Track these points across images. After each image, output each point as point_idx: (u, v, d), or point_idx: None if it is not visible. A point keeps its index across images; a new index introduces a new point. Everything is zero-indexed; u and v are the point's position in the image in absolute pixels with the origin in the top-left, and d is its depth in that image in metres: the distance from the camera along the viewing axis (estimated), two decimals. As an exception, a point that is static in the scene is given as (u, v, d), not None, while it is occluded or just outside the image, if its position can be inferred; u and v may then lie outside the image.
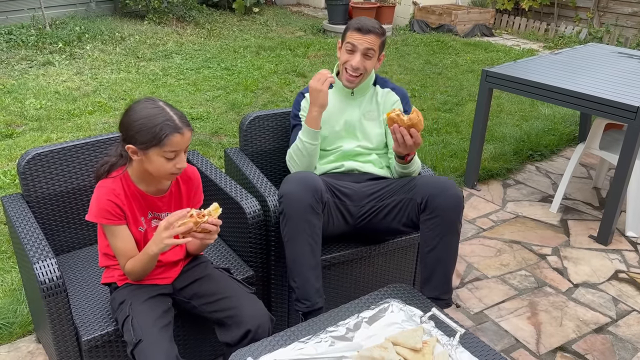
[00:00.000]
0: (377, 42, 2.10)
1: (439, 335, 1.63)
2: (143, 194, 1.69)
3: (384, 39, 2.14)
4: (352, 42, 2.09)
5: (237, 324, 1.68)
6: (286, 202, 1.88)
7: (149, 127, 1.54)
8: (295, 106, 2.25)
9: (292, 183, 1.91)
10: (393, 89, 2.27)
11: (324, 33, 7.78)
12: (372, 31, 2.09)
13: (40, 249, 1.70)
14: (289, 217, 1.88)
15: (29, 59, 5.77)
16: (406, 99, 2.27)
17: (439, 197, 1.94)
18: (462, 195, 1.98)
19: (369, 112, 2.22)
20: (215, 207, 1.57)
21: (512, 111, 4.90)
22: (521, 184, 3.67)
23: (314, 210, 1.87)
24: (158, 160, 1.58)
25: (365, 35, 2.08)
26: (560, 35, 7.86)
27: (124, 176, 1.66)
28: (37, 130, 4.09)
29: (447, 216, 1.95)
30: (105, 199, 1.62)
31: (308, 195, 1.87)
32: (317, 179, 1.94)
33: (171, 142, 1.55)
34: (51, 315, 1.64)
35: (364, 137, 2.22)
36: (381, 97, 2.24)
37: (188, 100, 4.85)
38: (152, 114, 1.56)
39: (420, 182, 2.03)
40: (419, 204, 1.98)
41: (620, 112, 2.75)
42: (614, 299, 2.58)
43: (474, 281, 2.67)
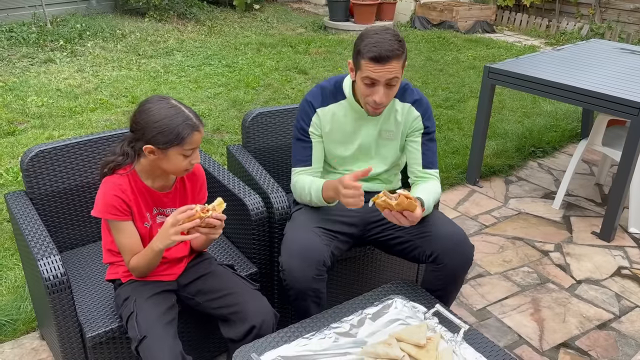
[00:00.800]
0: (400, 64, 1.77)
1: (443, 332, 1.63)
2: (149, 189, 1.69)
3: (405, 53, 1.80)
4: (371, 77, 1.76)
5: (242, 320, 1.68)
6: (289, 277, 1.77)
7: (171, 128, 1.55)
8: (303, 118, 1.98)
9: (294, 257, 1.77)
10: (414, 102, 1.98)
11: (325, 30, 7.76)
12: (392, 57, 1.73)
13: (44, 245, 1.70)
14: (292, 288, 1.79)
15: (30, 56, 5.76)
16: (428, 112, 2.00)
17: (449, 255, 1.82)
18: (472, 252, 1.88)
19: (387, 132, 1.99)
20: (219, 202, 1.57)
21: (514, 108, 4.89)
22: (523, 180, 3.67)
23: (318, 279, 1.78)
24: (177, 159, 1.59)
25: (385, 65, 1.74)
26: (562, 32, 7.85)
27: (131, 172, 1.66)
28: (39, 128, 4.09)
29: (455, 273, 1.87)
30: (112, 194, 1.62)
31: (311, 269, 1.76)
32: (319, 247, 1.79)
33: (192, 140, 1.58)
34: (56, 312, 1.65)
35: (379, 158, 2.03)
36: (401, 115, 1.97)
37: (189, 98, 4.85)
38: (170, 114, 1.57)
39: (432, 233, 1.86)
40: (428, 255, 1.86)
41: (623, 108, 2.74)
42: (617, 295, 2.58)
43: (477, 278, 2.67)
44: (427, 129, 1.99)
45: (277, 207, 2.04)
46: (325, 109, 1.96)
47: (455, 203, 3.35)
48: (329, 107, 1.96)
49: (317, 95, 1.97)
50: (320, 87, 1.99)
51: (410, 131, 2.00)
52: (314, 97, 1.97)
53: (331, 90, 1.97)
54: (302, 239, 1.82)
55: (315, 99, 1.97)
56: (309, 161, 1.99)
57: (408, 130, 2.00)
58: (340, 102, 1.96)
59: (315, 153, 1.99)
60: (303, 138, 1.98)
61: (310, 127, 1.97)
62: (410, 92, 1.99)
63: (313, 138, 1.98)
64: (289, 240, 1.84)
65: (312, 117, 1.96)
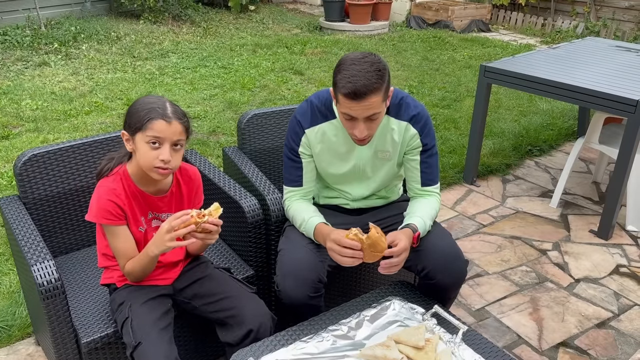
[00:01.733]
0: (379, 98, 1.63)
1: (441, 333, 1.62)
2: (143, 193, 1.67)
3: (386, 83, 1.65)
4: (349, 113, 1.66)
5: (239, 323, 1.67)
6: (285, 297, 1.74)
7: (138, 111, 1.55)
8: (292, 137, 1.89)
9: (289, 277, 1.73)
10: (410, 119, 1.84)
11: (321, 30, 7.75)
12: (368, 92, 1.59)
13: (38, 250, 1.68)
14: (289, 306, 1.75)
15: (25, 59, 5.74)
16: (426, 128, 1.86)
17: (441, 272, 1.77)
18: (465, 268, 1.84)
19: (384, 152, 1.88)
20: (215, 207, 1.55)
21: (510, 106, 4.89)
22: (520, 179, 3.66)
23: (314, 297, 1.75)
24: (142, 147, 1.55)
25: (361, 102, 1.61)
26: (557, 30, 7.85)
27: (124, 176, 1.65)
28: (34, 131, 4.06)
29: (446, 289, 1.82)
30: (106, 198, 1.60)
31: (306, 288, 1.72)
32: (314, 265, 1.75)
33: (153, 126, 1.53)
34: (50, 318, 1.63)
35: (375, 178, 1.94)
36: (398, 134, 1.85)
37: (185, 100, 4.83)
38: (148, 101, 1.57)
39: (426, 247, 1.80)
40: (420, 270, 1.80)
41: (620, 105, 2.74)
42: (615, 293, 2.57)
43: (475, 277, 2.66)
44: (425, 146, 1.87)
45: (273, 209, 2.02)
46: (314, 129, 1.86)
47: (452, 202, 3.34)
48: (319, 126, 1.86)
49: (305, 114, 1.87)
50: (310, 103, 1.88)
51: (408, 149, 1.89)
52: (303, 115, 1.87)
53: (320, 109, 1.86)
54: (297, 257, 1.77)
55: (304, 117, 1.87)
56: (299, 182, 1.92)
57: (406, 149, 1.89)
58: (331, 121, 1.86)
59: (306, 174, 1.91)
60: (293, 157, 1.90)
61: (300, 147, 1.88)
62: (407, 108, 1.85)
63: (303, 158, 1.89)
64: (283, 259, 1.79)
65: (302, 137, 1.87)
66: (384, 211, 2.00)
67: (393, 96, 1.85)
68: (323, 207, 2.00)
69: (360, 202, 2.00)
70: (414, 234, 1.75)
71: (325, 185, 2.02)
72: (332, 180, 1.96)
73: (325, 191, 2.03)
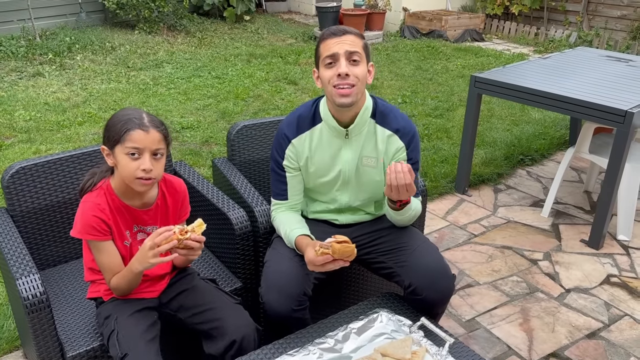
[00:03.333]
0: (359, 42, 1.74)
1: (428, 345, 1.61)
2: (128, 207, 1.67)
3: (365, 42, 1.78)
4: (330, 53, 1.72)
5: (222, 335, 1.66)
6: (269, 309, 1.73)
7: (115, 124, 1.56)
8: (277, 150, 1.90)
9: (273, 291, 1.72)
10: (397, 131, 1.85)
11: (315, 40, 7.78)
12: (348, 31, 1.74)
13: (23, 264, 1.67)
14: (273, 319, 1.75)
15: (19, 70, 5.74)
16: (413, 142, 1.87)
17: (428, 290, 1.76)
18: (452, 284, 1.81)
19: (367, 159, 1.87)
20: (199, 223, 1.54)
21: (502, 116, 4.91)
22: (512, 188, 3.67)
23: (298, 310, 1.74)
24: (123, 160, 1.56)
25: (341, 37, 1.72)
26: (550, 39, 7.90)
27: (107, 190, 1.65)
28: (26, 142, 4.06)
29: (433, 305, 1.80)
30: (90, 214, 1.60)
31: (290, 301, 1.71)
32: (299, 279, 1.75)
33: (131, 136, 1.53)
34: (35, 331, 1.62)
35: (359, 188, 1.92)
36: (382, 142, 1.85)
37: (178, 110, 4.84)
38: (125, 114, 1.58)
39: (413, 263, 1.80)
40: (407, 286, 1.80)
41: (609, 116, 2.75)
42: (606, 303, 2.57)
43: (466, 288, 2.65)
44: (410, 160, 1.87)
45: (261, 220, 2.02)
46: (302, 137, 1.87)
47: (444, 212, 3.35)
48: (306, 133, 1.87)
49: (292, 125, 1.88)
50: (297, 116, 1.89)
51: (392, 161, 1.84)
52: (288, 126, 1.88)
53: (308, 115, 1.88)
54: (282, 270, 1.77)
55: (289, 129, 1.88)
56: (285, 195, 1.92)
57: (390, 161, 1.87)
58: (317, 125, 1.87)
59: (291, 188, 1.92)
60: (278, 171, 1.91)
61: (285, 160, 1.88)
62: (393, 118, 1.86)
63: (288, 172, 1.90)
64: (268, 271, 1.79)
65: (286, 149, 1.87)
66: (372, 224, 1.99)
67: (380, 104, 1.88)
68: (312, 221, 1.99)
69: (348, 215, 1.99)
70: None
71: (312, 198, 2.01)
72: (319, 189, 1.95)
73: (313, 205, 2.02)
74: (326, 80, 1.75)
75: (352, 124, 1.83)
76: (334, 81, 1.73)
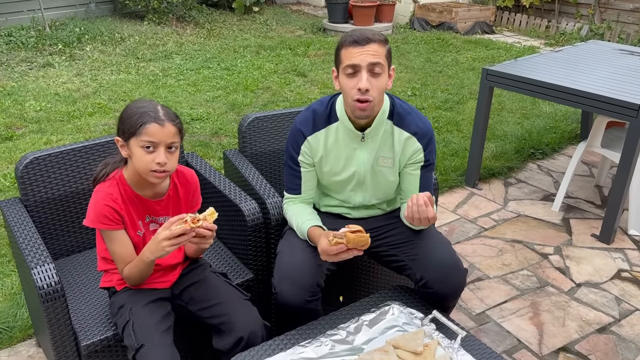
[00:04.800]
0: (382, 51, 1.68)
1: (440, 338, 1.62)
2: (140, 198, 1.68)
3: (388, 47, 1.72)
4: (352, 62, 1.67)
5: (229, 331, 1.67)
6: (281, 300, 1.73)
7: (130, 117, 1.56)
8: (293, 146, 1.88)
9: (286, 281, 1.72)
10: (415, 133, 1.83)
11: (324, 32, 7.76)
12: (372, 40, 1.66)
13: (38, 253, 1.69)
14: (286, 310, 1.75)
15: (29, 60, 5.76)
16: (431, 144, 1.86)
17: (439, 284, 1.76)
18: (464, 278, 1.82)
19: (384, 159, 1.85)
20: (210, 212, 1.55)
21: (513, 109, 4.88)
22: (523, 182, 3.66)
23: (311, 301, 1.74)
24: (138, 152, 1.56)
25: (365, 46, 1.66)
26: (561, 32, 7.83)
27: (120, 180, 1.65)
28: (37, 133, 4.08)
29: (444, 299, 1.80)
30: (103, 203, 1.60)
31: (303, 292, 1.72)
32: (312, 269, 1.75)
33: (147, 130, 1.54)
34: (50, 320, 1.64)
35: (375, 188, 1.91)
36: (398, 143, 1.83)
37: (188, 101, 4.84)
38: (139, 106, 1.58)
39: (425, 256, 1.80)
40: (418, 279, 1.79)
41: (622, 110, 2.73)
42: (616, 298, 2.56)
43: (476, 281, 2.65)
44: (427, 162, 1.86)
45: (273, 212, 2.03)
46: (317, 135, 1.85)
47: (454, 206, 3.34)
48: (322, 131, 1.85)
49: (307, 121, 1.86)
50: (312, 111, 1.87)
51: (409, 162, 1.87)
52: (304, 123, 1.86)
53: (323, 113, 1.86)
54: (295, 261, 1.77)
55: (305, 125, 1.86)
56: (298, 190, 1.92)
57: (407, 162, 1.87)
58: (333, 124, 1.85)
59: (305, 182, 1.91)
60: (293, 166, 1.90)
61: (300, 155, 1.87)
62: (412, 120, 1.84)
63: (303, 167, 1.89)
64: (281, 262, 1.79)
65: (302, 145, 1.86)
66: (384, 217, 1.99)
67: (399, 106, 1.86)
68: (324, 214, 2.00)
69: (361, 211, 1.99)
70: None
71: (325, 193, 2.01)
72: (332, 187, 1.96)
73: (326, 199, 2.02)
74: (346, 90, 1.72)
75: (369, 128, 1.81)
76: (354, 94, 1.70)
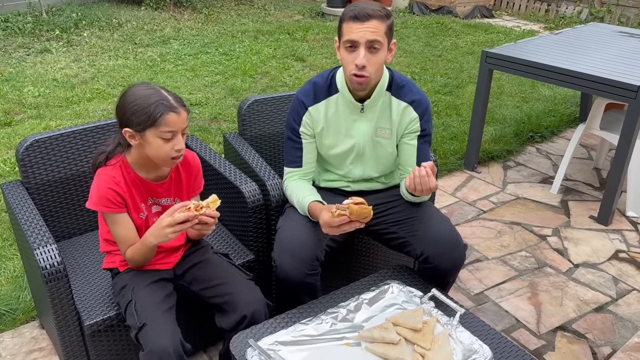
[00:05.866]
0: (382, 27, 1.70)
1: (439, 316, 1.64)
2: (143, 180, 1.69)
3: (390, 22, 1.73)
4: (351, 38, 1.70)
5: (233, 309, 1.68)
6: (281, 273, 1.76)
7: (143, 107, 1.53)
8: (294, 117, 1.92)
9: (286, 254, 1.75)
10: (412, 102, 1.87)
11: (323, 16, 7.71)
12: (372, 15, 1.68)
13: (40, 235, 1.70)
14: (285, 283, 1.78)
15: (26, 46, 5.73)
16: (427, 114, 1.90)
17: (440, 257, 1.79)
18: (464, 253, 1.84)
19: (382, 130, 1.89)
20: (213, 199, 1.56)
21: (512, 93, 4.88)
22: (521, 165, 3.67)
23: (311, 274, 1.76)
24: (156, 142, 1.56)
25: (364, 23, 1.68)
26: (561, 16, 7.79)
27: (123, 163, 1.66)
28: (36, 118, 4.07)
29: (445, 274, 1.84)
30: (106, 186, 1.61)
31: (303, 265, 1.74)
32: (311, 243, 1.77)
33: (166, 121, 1.54)
34: (53, 301, 1.65)
35: (374, 160, 1.95)
36: (396, 114, 1.87)
37: (186, 86, 4.83)
38: (146, 95, 1.55)
39: (425, 232, 1.83)
40: (419, 254, 1.82)
41: (621, 91, 2.73)
42: (614, 278, 2.58)
43: (475, 262, 2.67)
44: (424, 132, 1.90)
45: (273, 194, 2.04)
46: (318, 106, 1.89)
47: (453, 189, 3.35)
48: (322, 103, 1.89)
49: (309, 93, 1.89)
50: (312, 83, 1.91)
51: (406, 132, 1.90)
52: (305, 94, 1.90)
53: (324, 85, 1.89)
54: (295, 235, 1.79)
55: (307, 96, 1.89)
56: (299, 162, 1.94)
57: (404, 131, 1.90)
58: (333, 96, 1.88)
59: (306, 154, 1.94)
60: (294, 138, 1.93)
61: (301, 126, 1.90)
62: (409, 91, 1.89)
63: (304, 138, 1.92)
64: (281, 237, 1.82)
65: (303, 116, 1.89)
66: (384, 195, 2.01)
67: (397, 76, 1.90)
68: (323, 190, 2.01)
69: (360, 184, 2.01)
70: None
71: (325, 168, 2.03)
72: (332, 160, 1.98)
73: (326, 174, 2.04)
74: (345, 63, 1.77)
75: (369, 99, 1.85)
76: (352, 69, 1.74)
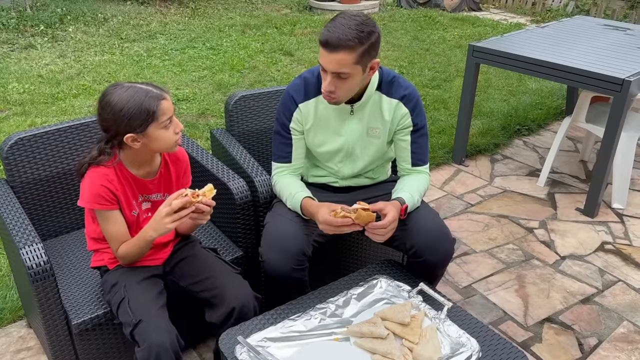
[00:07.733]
0: (350, 58, 1.62)
1: (426, 310, 1.65)
2: (134, 177, 1.68)
3: (365, 46, 1.64)
4: (320, 62, 1.69)
5: (221, 303, 1.68)
6: (268, 268, 1.76)
7: (138, 108, 1.52)
8: (284, 112, 1.90)
9: (273, 249, 1.75)
10: (402, 97, 1.85)
11: (311, 10, 7.68)
12: (341, 46, 1.60)
13: (26, 234, 1.69)
14: (272, 278, 1.79)
15: (10, 42, 5.66)
16: (417, 107, 1.88)
17: (428, 251, 1.79)
18: (452, 247, 1.84)
19: (374, 129, 1.88)
20: (209, 188, 1.57)
21: (499, 86, 4.90)
22: (509, 158, 3.69)
23: (298, 269, 1.77)
24: (159, 134, 1.57)
25: (331, 53, 1.63)
26: (547, 9, 7.83)
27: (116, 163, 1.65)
28: (21, 115, 4.03)
29: (434, 267, 1.85)
30: (98, 184, 1.60)
31: (290, 260, 1.74)
32: (298, 238, 1.77)
33: (162, 110, 1.55)
34: (40, 300, 1.64)
35: (365, 157, 1.94)
36: (388, 112, 1.86)
37: (173, 82, 4.80)
38: (130, 95, 1.53)
39: (414, 225, 1.82)
40: (408, 248, 1.83)
41: (606, 84, 2.76)
42: (600, 270, 2.62)
43: (462, 256, 2.69)
44: (416, 126, 1.89)
45: (261, 190, 2.03)
46: (308, 103, 1.87)
47: (441, 182, 3.37)
48: (312, 100, 1.87)
49: (299, 88, 1.88)
50: (303, 79, 1.89)
51: (398, 129, 1.90)
52: (296, 90, 1.88)
53: (314, 82, 1.87)
54: (282, 230, 1.79)
55: (297, 92, 1.88)
56: (288, 158, 1.94)
57: (396, 128, 1.90)
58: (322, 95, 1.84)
59: (296, 150, 1.93)
60: (283, 133, 1.92)
61: (292, 122, 1.89)
62: (398, 87, 1.87)
63: (294, 135, 1.91)
64: (268, 231, 1.82)
65: (294, 112, 1.88)
66: (372, 190, 2.01)
67: (385, 74, 1.87)
68: (312, 186, 2.01)
69: (348, 180, 2.01)
70: (402, 206, 1.77)
71: (314, 164, 2.03)
72: (321, 158, 1.97)
73: (314, 170, 2.04)
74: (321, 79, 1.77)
75: (358, 102, 1.83)
76: (324, 86, 1.73)
